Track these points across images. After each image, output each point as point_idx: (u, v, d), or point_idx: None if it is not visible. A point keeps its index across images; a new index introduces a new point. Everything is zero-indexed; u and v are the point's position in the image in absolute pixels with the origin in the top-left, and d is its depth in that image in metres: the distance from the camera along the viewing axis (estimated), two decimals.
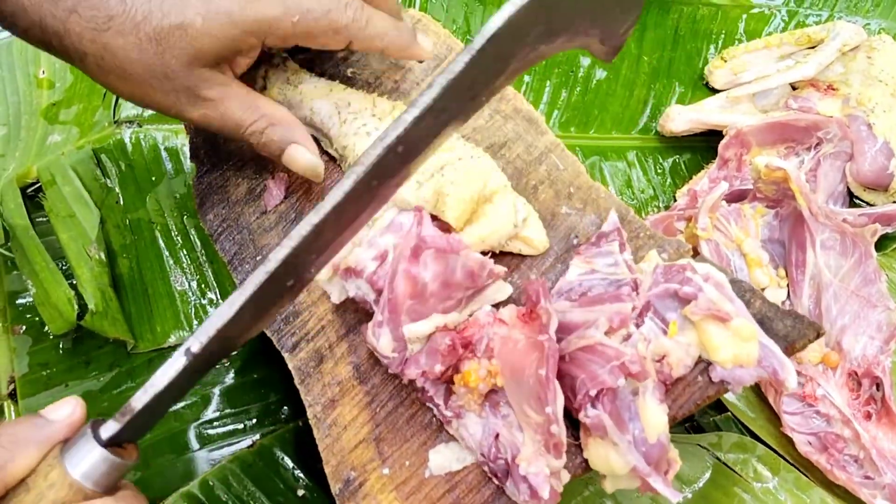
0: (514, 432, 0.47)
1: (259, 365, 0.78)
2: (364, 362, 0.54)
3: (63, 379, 0.76)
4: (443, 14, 0.93)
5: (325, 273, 0.53)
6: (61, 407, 0.42)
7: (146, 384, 0.38)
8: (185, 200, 0.83)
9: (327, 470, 0.53)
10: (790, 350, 0.47)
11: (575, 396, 0.45)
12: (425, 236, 0.47)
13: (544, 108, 0.91)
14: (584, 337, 0.45)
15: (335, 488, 0.52)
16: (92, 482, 0.39)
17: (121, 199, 0.82)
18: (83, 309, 0.73)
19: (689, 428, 0.74)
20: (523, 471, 0.45)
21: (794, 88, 0.85)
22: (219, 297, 0.79)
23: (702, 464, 0.67)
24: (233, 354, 0.78)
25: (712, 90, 0.91)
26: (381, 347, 0.49)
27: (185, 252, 0.81)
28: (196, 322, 0.78)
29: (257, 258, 0.61)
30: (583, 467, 0.48)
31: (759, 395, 0.72)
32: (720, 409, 0.73)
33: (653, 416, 0.44)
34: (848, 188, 0.80)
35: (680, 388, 0.48)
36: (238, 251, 0.62)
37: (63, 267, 0.76)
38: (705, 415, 0.74)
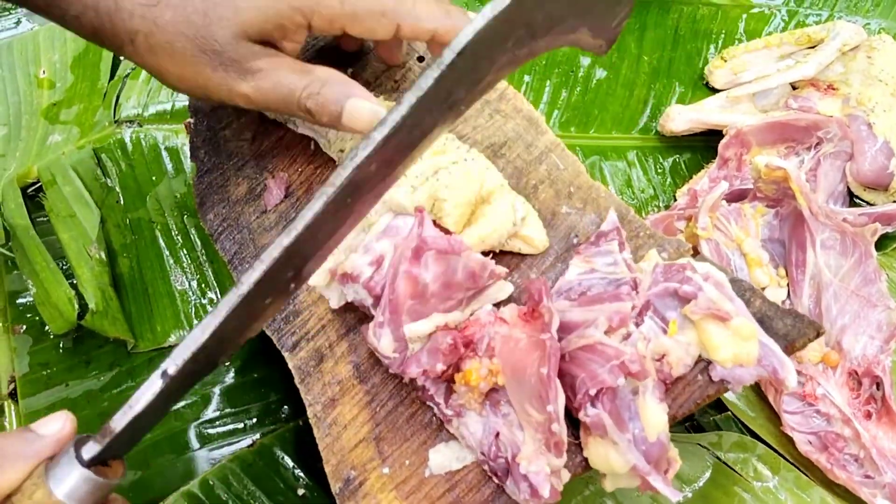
0: (515, 431, 0.47)
1: (259, 364, 0.78)
2: (364, 361, 0.54)
3: (63, 378, 0.76)
4: None
5: (323, 279, 0.53)
6: (51, 422, 0.42)
7: (125, 405, 0.38)
8: (186, 200, 0.83)
9: (327, 469, 0.53)
10: (790, 349, 0.47)
11: (575, 395, 0.45)
12: (426, 237, 0.47)
13: (544, 108, 0.91)
14: (584, 336, 0.45)
15: (335, 487, 0.52)
16: (76, 502, 0.39)
17: (121, 199, 0.82)
18: (83, 308, 0.73)
19: (690, 427, 0.74)
20: (524, 469, 0.45)
21: (795, 88, 0.85)
22: (219, 297, 0.79)
23: (702, 463, 0.67)
24: (232, 355, 0.78)
25: (712, 90, 0.91)
26: (382, 348, 0.49)
27: (186, 251, 0.81)
28: (196, 321, 0.78)
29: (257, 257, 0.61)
30: (583, 466, 0.48)
31: (760, 395, 0.72)
32: (720, 409, 0.73)
33: (652, 415, 0.44)
34: (848, 188, 0.80)
35: (680, 388, 0.48)
36: (238, 251, 0.62)
37: (63, 266, 0.76)
38: (705, 414, 0.74)
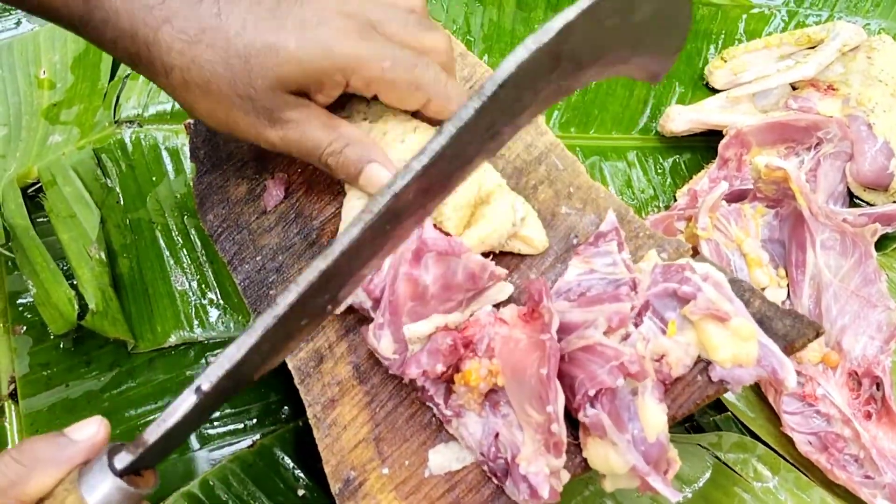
0: (514, 431, 0.47)
1: None
2: (364, 362, 0.54)
3: (64, 379, 0.76)
4: (443, 14, 0.93)
5: None
6: (85, 427, 0.42)
7: (158, 419, 0.39)
8: (186, 200, 0.83)
9: (327, 470, 0.53)
10: (790, 349, 0.47)
11: (574, 396, 0.45)
12: (426, 239, 0.47)
13: None
14: (583, 337, 0.45)
15: (335, 488, 0.52)
16: None
17: (121, 199, 0.82)
18: (84, 309, 0.73)
19: (689, 428, 0.74)
20: (523, 470, 0.45)
21: (794, 88, 0.85)
22: (219, 297, 0.79)
23: (702, 464, 0.67)
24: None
25: (712, 90, 0.91)
26: (383, 349, 0.49)
27: (186, 252, 0.81)
28: (196, 322, 0.78)
29: (257, 258, 0.61)
30: (582, 467, 0.48)
31: (759, 395, 0.72)
32: (720, 409, 0.73)
33: (652, 416, 0.44)
34: (848, 188, 0.80)
35: (679, 388, 0.48)
36: (238, 251, 0.62)
37: (63, 267, 0.76)
38: (705, 415, 0.74)
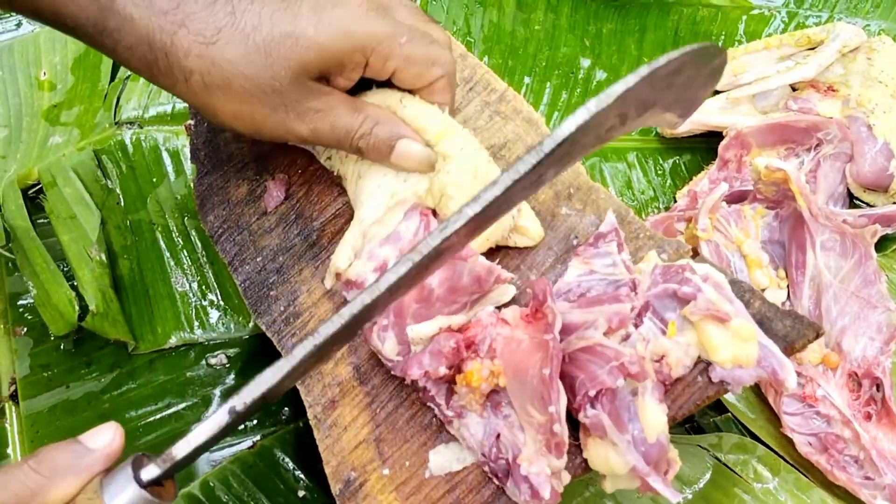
0: (516, 432, 0.47)
1: (260, 366, 0.76)
2: (364, 363, 0.54)
3: (64, 380, 0.76)
4: (443, 15, 0.93)
5: (331, 281, 0.55)
6: (101, 434, 0.42)
7: (189, 436, 0.40)
8: (186, 201, 0.83)
9: (327, 470, 0.53)
10: (790, 350, 0.47)
11: (574, 397, 0.45)
12: None
13: (544, 110, 0.91)
14: (584, 338, 0.46)
15: (335, 489, 0.52)
16: None
17: (122, 201, 0.82)
18: (84, 310, 0.73)
19: (690, 429, 0.74)
20: (524, 471, 0.45)
21: (794, 90, 0.85)
22: (220, 299, 0.79)
23: (702, 464, 0.67)
24: (232, 356, 0.78)
25: (712, 91, 0.91)
26: (386, 351, 0.49)
27: (186, 253, 0.81)
28: (197, 323, 0.78)
29: (258, 259, 0.61)
30: (583, 467, 0.48)
31: (760, 396, 0.72)
32: (720, 410, 0.73)
33: (652, 417, 0.44)
34: (848, 189, 0.80)
35: (679, 389, 0.48)
36: (238, 252, 0.62)
37: (64, 268, 0.76)
38: (705, 415, 0.74)
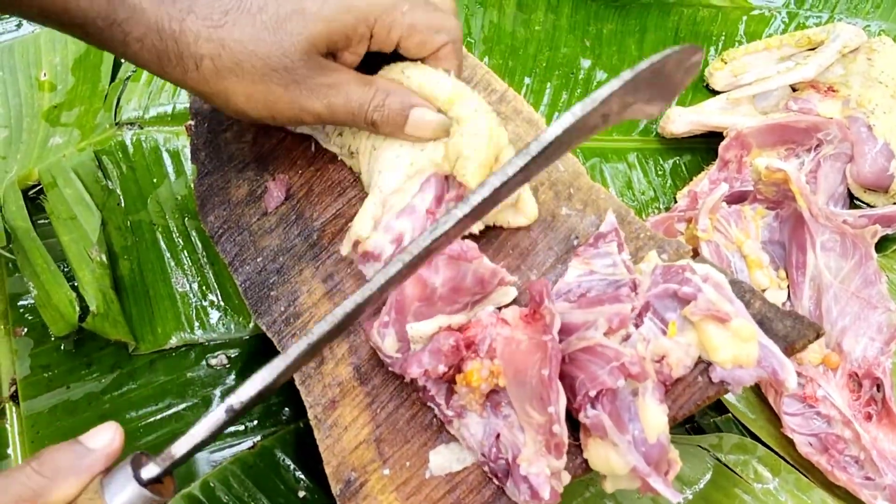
0: (516, 432, 0.47)
1: (260, 366, 0.77)
2: (365, 363, 0.54)
3: (65, 381, 0.76)
4: None
5: (348, 249, 0.54)
6: (101, 434, 0.42)
7: (188, 434, 0.41)
8: (187, 202, 0.83)
9: (328, 471, 0.53)
10: (790, 350, 0.47)
11: (575, 397, 0.45)
12: None
13: (545, 110, 0.91)
14: (584, 338, 0.46)
15: (336, 489, 0.52)
16: None
17: (122, 201, 0.82)
18: (84, 311, 0.73)
19: (690, 429, 0.74)
20: (524, 471, 0.45)
21: (795, 90, 0.85)
22: (220, 299, 0.79)
23: (702, 465, 0.67)
24: (233, 356, 0.78)
25: (713, 92, 0.91)
26: (386, 347, 0.49)
27: (187, 254, 0.81)
28: (197, 323, 0.78)
29: (258, 259, 0.61)
30: (583, 468, 0.48)
31: (760, 396, 0.72)
32: (721, 411, 0.73)
33: (652, 417, 0.44)
34: (848, 190, 0.80)
35: (680, 389, 0.48)
36: (239, 252, 0.62)
37: (64, 269, 0.76)
38: (706, 416, 0.74)
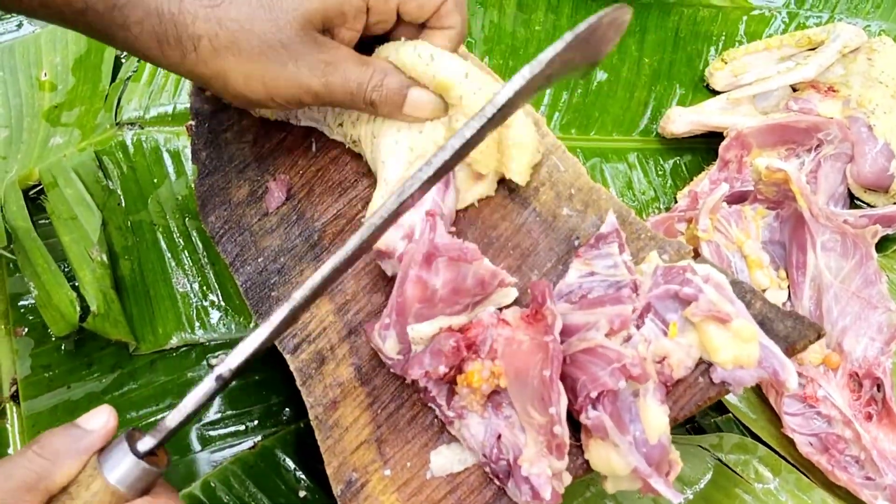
0: (517, 433, 0.47)
1: (260, 367, 0.78)
2: (366, 364, 0.55)
3: (65, 381, 0.76)
4: None
5: None
6: (96, 416, 0.45)
7: (179, 405, 0.43)
8: (187, 202, 0.83)
9: (329, 471, 0.53)
10: (791, 351, 0.47)
11: (576, 398, 0.45)
12: (438, 244, 0.47)
13: (545, 110, 0.91)
14: (585, 339, 0.46)
15: (337, 490, 0.52)
16: (131, 489, 0.43)
17: (122, 201, 0.82)
18: (85, 311, 0.73)
19: (690, 429, 0.74)
20: (525, 472, 0.45)
21: (795, 90, 0.85)
22: (220, 299, 0.79)
23: (703, 465, 0.67)
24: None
25: (713, 92, 0.91)
26: (387, 349, 0.49)
27: (187, 254, 0.81)
28: (198, 323, 0.78)
29: (259, 260, 0.61)
30: (584, 468, 0.48)
31: (760, 396, 0.72)
32: (721, 411, 0.73)
33: (654, 418, 0.44)
34: (848, 189, 0.80)
35: (681, 390, 0.48)
36: (240, 253, 0.62)
37: (65, 269, 0.76)
38: (706, 416, 0.74)
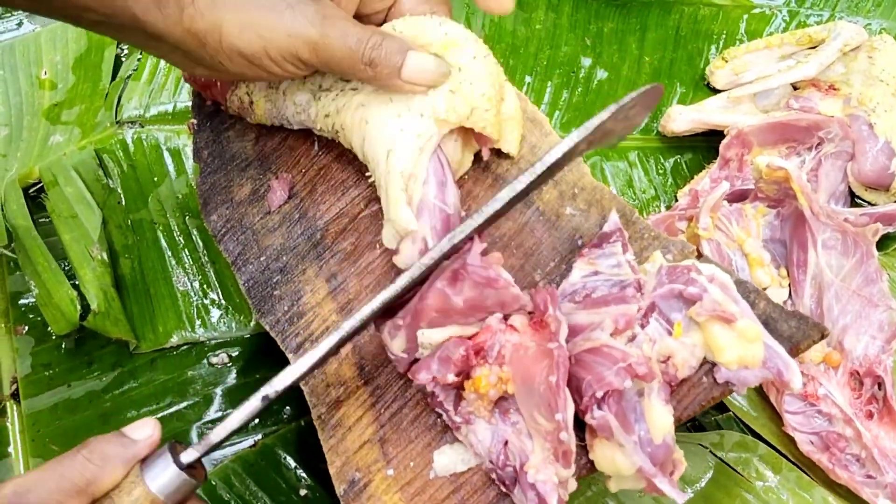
0: (524, 439, 0.47)
1: (261, 365, 0.78)
2: (369, 363, 0.54)
3: (66, 379, 0.76)
4: None
5: (395, 242, 0.54)
6: (142, 427, 0.47)
7: (225, 422, 0.46)
8: (188, 200, 0.83)
9: (332, 471, 0.53)
10: (795, 351, 0.47)
11: (581, 398, 0.45)
12: (469, 265, 0.46)
13: (546, 109, 0.91)
14: (590, 339, 0.46)
15: (340, 489, 0.52)
16: (170, 499, 0.45)
17: (123, 200, 0.82)
18: (85, 309, 0.73)
19: (691, 427, 0.74)
20: (531, 478, 0.45)
21: (796, 88, 0.85)
22: (221, 298, 0.79)
23: (704, 463, 0.67)
24: (234, 355, 0.78)
25: (713, 90, 0.91)
26: (394, 347, 0.49)
27: (188, 252, 0.81)
28: (198, 322, 0.78)
29: (261, 258, 0.61)
30: (588, 468, 0.48)
31: (761, 395, 0.72)
32: (722, 409, 0.73)
33: (658, 418, 0.44)
34: (849, 188, 0.80)
35: (685, 390, 0.48)
36: (242, 251, 0.62)
37: (65, 267, 0.76)
38: (707, 414, 0.74)
